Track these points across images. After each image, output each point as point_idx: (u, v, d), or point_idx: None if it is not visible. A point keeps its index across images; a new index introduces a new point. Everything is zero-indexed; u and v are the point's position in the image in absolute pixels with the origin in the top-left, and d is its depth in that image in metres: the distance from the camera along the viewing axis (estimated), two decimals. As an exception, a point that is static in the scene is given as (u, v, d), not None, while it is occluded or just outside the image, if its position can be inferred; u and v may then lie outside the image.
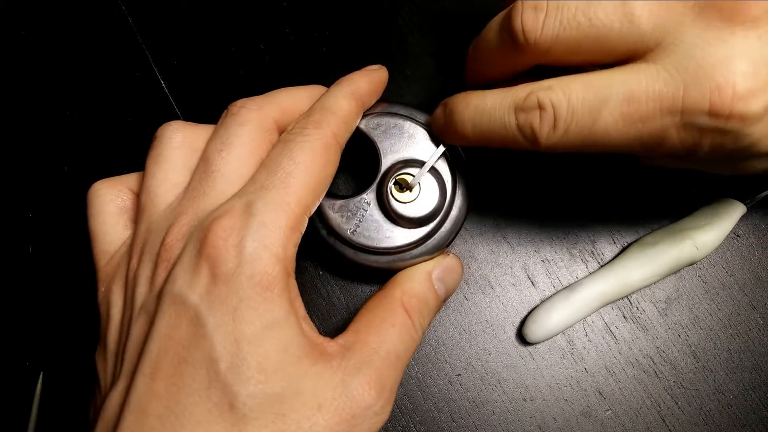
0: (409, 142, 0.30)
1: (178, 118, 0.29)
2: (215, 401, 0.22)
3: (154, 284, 0.24)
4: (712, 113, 0.21)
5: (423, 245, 0.29)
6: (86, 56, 0.38)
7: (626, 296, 0.33)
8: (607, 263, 0.33)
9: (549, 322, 0.32)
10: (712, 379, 0.32)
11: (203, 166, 0.26)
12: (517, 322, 0.34)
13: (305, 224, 0.25)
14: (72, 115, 0.38)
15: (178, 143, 0.27)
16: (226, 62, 0.37)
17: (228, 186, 0.25)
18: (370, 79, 0.29)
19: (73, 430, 0.33)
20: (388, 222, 0.29)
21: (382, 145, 0.30)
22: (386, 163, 0.29)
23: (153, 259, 0.25)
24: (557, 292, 0.33)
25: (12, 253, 0.36)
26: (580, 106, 0.22)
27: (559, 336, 0.33)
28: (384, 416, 0.24)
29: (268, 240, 0.23)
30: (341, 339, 0.25)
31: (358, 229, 0.29)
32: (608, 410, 0.32)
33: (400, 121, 0.30)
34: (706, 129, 0.21)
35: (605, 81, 0.22)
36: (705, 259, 0.34)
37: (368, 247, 0.29)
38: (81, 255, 0.28)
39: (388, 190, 0.29)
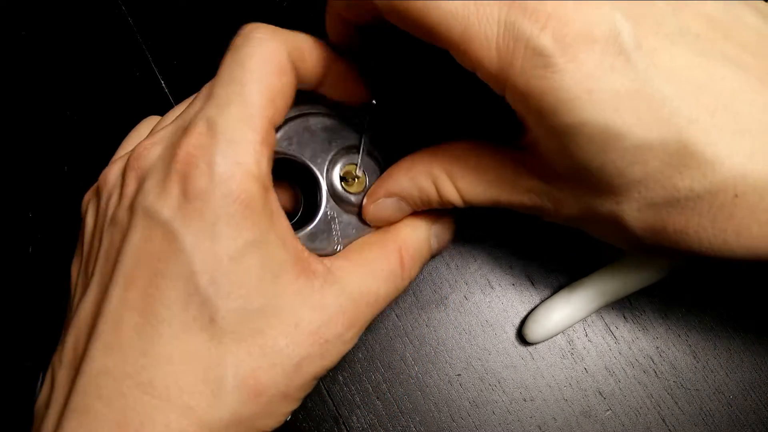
0: (326, 136, 0.28)
1: (178, 118, 0.29)
2: (194, 314, 0.22)
3: (124, 194, 0.24)
4: (531, 11, 0.19)
5: None
6: (86, 56, 0.39)
7: (626, 296, 0.33)
8: (607, 263, 0.33)
9: (549, 322, 0.32)
10: (712, 379, 0.32)
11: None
12: (517, 322, 0.34)
13: (273, 139, 0.24)
14: (72, 115, 0.38)
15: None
16: (226, 62, 0.37)
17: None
18: (344, 69, 0.28)
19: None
20: (358, 216, 0.28)
21: (306, 154, 0.28)
22: (321, 168, 0.28)
23: (123, 169, 0.25)
24: (557, 292, 0.33)
25: (12, 253, 0.36)
26: None
27: (559, 336, 0.33)
28: (351, 345, 0.25)
29: (240, 157, 0.22)
30: (328, 261, 0.25)
31: (341, 242, 0.28)
32: (608, 410, 0.32)
33: (303, 122, 0.28)
34: (520, 37, 0.20)
35: None
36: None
37: None
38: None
39: (342, 190, 0.28)
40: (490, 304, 0.34)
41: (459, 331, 0.34)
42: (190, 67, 0.38)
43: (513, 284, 0.34)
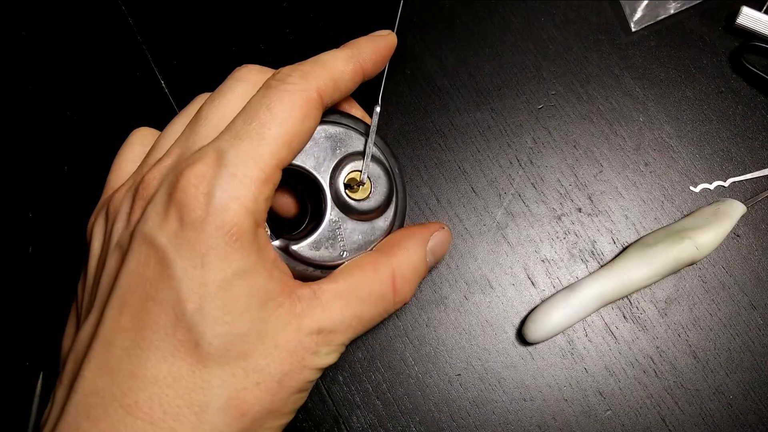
0: (329, 144, 0.28)
1: (178, 118, 0.29)
2: (181, 339, 0.23)
3: (130, 221, 0.25)
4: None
5: (397, 215, 0.29)
6: (86, 56, 0.39)
7: (626, 296, 0.33)
8: (607, 263, 0.33)
9: (549, 322, 0.32)
10: (712, 379, 0.32)
11: (196, 115, 0.27)
12: (517, 322, 0.34)
13: (279, 177, 0.25)
14: (72, 115, 0.38)
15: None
16: (226, 62, 0.37)
17: (211, 130, 0.26)
18: (375, 45, 0.28)
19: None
20: (364, 222, 0.28)
21: (309, 163, 0.28)
22: (325, 177, 0.28)
23: (132, 196, 0.26)
24: (557, 292, 0.33)
25: (12, 253, 0.36)
26: None
27: (559, 336, 0.33)
28: (331, 360, 0.26)
29: (239, 192, 0.23)
30: (316, 285, 0.26)
31: (346, 248, 0.28)
32: (608, 410, 0.32)
33: None
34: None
35: None
36: (705, 259, 0.34)
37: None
38: (81, 255, 0.28)
39: (346, 197, 0.28)
40: (490, 304, 0.34)
41: (459, 331, 0.33)
42: (190, 67, 0.38)
43: (513, 284, 0.34)
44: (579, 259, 0.34)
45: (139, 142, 0.30)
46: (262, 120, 0.24)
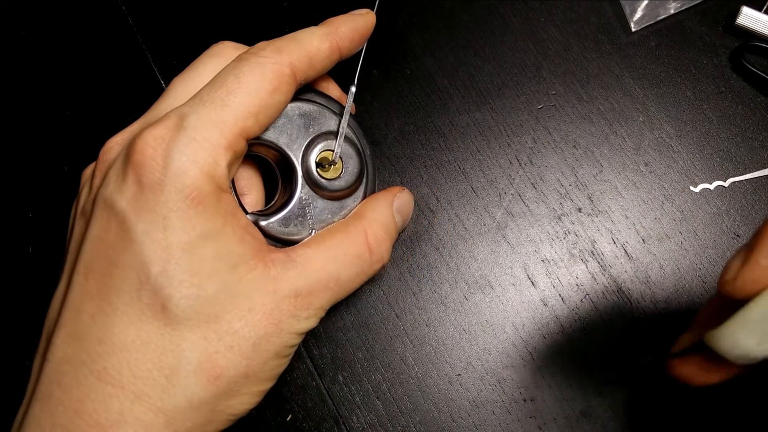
0: (303, 121, 0.28)
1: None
2: (147, 302, 0.22)
3: (93, 187, 0.25)
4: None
5: (366, 196, 0.30)
6: (86, 56, 0.39)
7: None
8: None
9: None
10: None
11: (166, 88, 0.27)
12: (517, 322, 0.34)
13: (243, 147, 0.25)
14: (72, 115, 0.38)
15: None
16: (226, 62, 0.37)
17: (177, 101, 0.26)
18: (353, 25, 0.28)
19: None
20: (334, 201, 0.29)
21: (281, 140, 0.28)
22: (297, 154, 0.28)
23: (96, 164, 0.26)
24: None
25: (12, 253, 0.36)
26: None
27: (559, 335, 0.33)
28: (311, 323, 0.25)
29: (198, 156, 0.23)
30: (290, 250, 0.26)
31: (315, 227, 0.28)
32: (608, 410, 0.32)
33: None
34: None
35: None
36: (705, 259, 0.34)
37: None
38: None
39: (318, 176, 0.28)
40: (490, 304, 0.34)
41: (459, 331, 0.34)
42: (190, 67, 0.38)
43: (513, 284, 0.34)
44: (579, 259, 0.34)
45: None
46: (229, 88, 0.24)
